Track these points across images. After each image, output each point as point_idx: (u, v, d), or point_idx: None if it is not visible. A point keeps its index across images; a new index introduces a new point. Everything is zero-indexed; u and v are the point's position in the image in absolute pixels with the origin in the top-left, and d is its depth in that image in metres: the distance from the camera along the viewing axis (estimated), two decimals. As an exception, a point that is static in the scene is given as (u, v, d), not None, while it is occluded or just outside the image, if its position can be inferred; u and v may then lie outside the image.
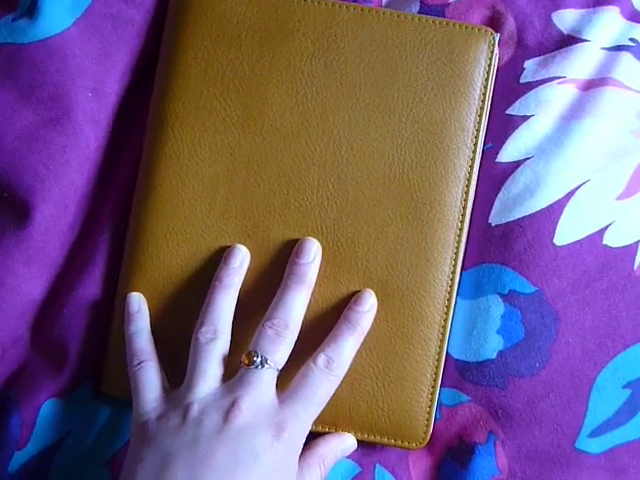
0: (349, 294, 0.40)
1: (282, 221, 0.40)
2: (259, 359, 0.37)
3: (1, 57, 0.40)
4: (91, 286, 0.42)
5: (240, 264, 0.40)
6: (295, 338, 0.38)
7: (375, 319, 0.40)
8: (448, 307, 0.40)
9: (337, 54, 0.40)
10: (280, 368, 0.37)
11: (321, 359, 0.38)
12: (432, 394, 0.40)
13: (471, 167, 0.40)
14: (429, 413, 0.40)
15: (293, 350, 0.38)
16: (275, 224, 0.40)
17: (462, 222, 0.40)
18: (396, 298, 0.40)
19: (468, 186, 0.40)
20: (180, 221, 0.40)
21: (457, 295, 0.41)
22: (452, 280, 0.40)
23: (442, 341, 0.40)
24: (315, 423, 0.39)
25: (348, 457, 0.42)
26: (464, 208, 0.40)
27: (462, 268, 0.41)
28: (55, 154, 0.41)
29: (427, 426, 0.40)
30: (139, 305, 0.40)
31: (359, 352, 0.40)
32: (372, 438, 0.41)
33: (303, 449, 0.37)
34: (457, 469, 0.41)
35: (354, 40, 0.40)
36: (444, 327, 0.40)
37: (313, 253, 0.40)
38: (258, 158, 0.40)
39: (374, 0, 0.43)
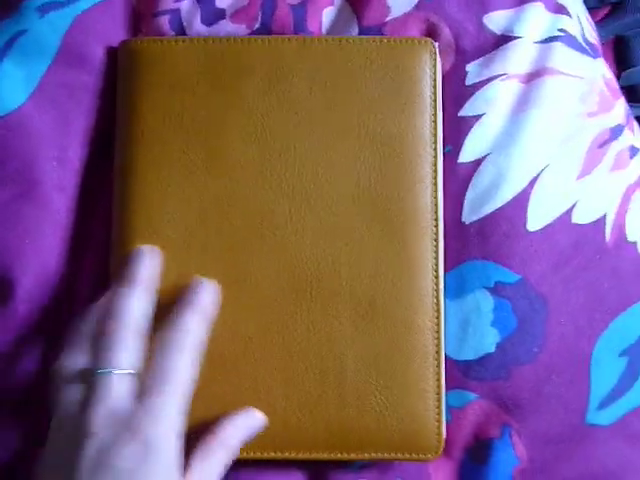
0: (340, 316, 0.40)
1: (260, 256, 0.41)
2: (99, 369, 0.35)
3: None
4: None
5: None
6: (142, 335, 0.36)
7: (370, 337, 0.40)
8: (438, 311, 0.41)
9: (288, 86, 0.42)
10: (135, 371, 0.35)
11: (166, 334, 0.36)
12: (438, 401, 0.40)
13: (435, 172, 0.42)
14: (439, 421, 0.40)
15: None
16: (254, 260, 0.41)
17: (437, 226, 0.41)
18: (386, 312, 0.40)
19: (436, 190, 0.41)
20: (160, 275, 0.40)
21: (445, 297, 0.42)
22: (437, 284, 0.41)
23: (438, 346, 0.41)
24: (327, 450, 0.39)
25: (368, 477, 0.42)
26: (436, 212, 0.41)
27: (445, 270, 0.42)
28: (29, 226, 0.41)
29: (439, 434, 0.40)
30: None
31: (360, 371, 0.40)
32: (387, 456, 0.40)
33: (205, 432, 0.37)
34: (478, 468, 0.42)
35: (302, 70, 0.42)
36: (438, 332, 0.41)
37: (139, 254, 0.39)
38: (227, 198, 0.41)
39: (314, 30, 0.44)
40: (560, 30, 0.45)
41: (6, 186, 0.41)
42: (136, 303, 0.37)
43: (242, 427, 0.39)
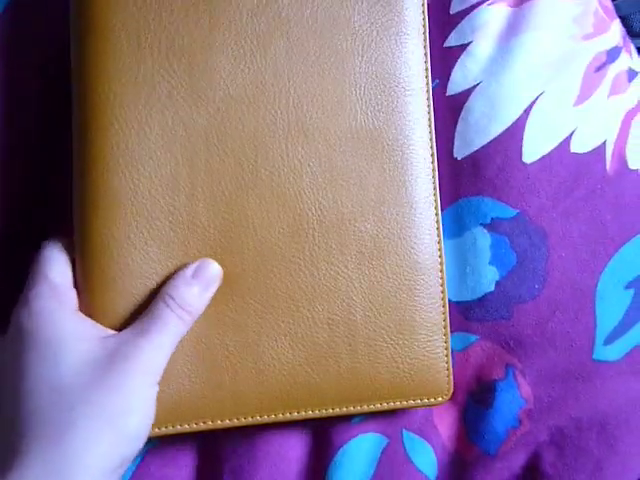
0: (344, 257, 0.38)
1: (256, 196, 0.37)
2: None
3: None
4: None
5: None
6: None
7: (376, 279, 0.38)
8: (440, 249, 0.39)
9: (277, 8, 0.38)
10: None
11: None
12: (446, 342, 0.39)
13: (429, 106, 0.39)
14: (447, 362, 0.39)
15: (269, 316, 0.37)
16: (249, 201, 0.37)
17: (432, 162, 0.39)
18: (391, 252, 0.38)
19: (430, 125, 0.39)
20: (142, 217, 0.36)
21: (443, 236, 0.40)
22: (437, 222, 0.39)
23: (443, 285, 0.39)
24: (334, 405, 0.37)
25: (373, 430, 0.40)
26: (431, 148, 0.39)
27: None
28: None
29: (448, 376, 0.39)
30: None
31: (369, 317, 0.38)
32: (399, 404, 0.38)
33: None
34: (482, 411, 0.40)
35: None
36: (441, 270, 0.39)
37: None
38: (216, 130, 0.37)
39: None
40: (549, -50, 0.42)
41: None
42: None
43: (194, 280, 0.35)
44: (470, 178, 0.40)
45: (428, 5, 0.41)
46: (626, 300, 0.41)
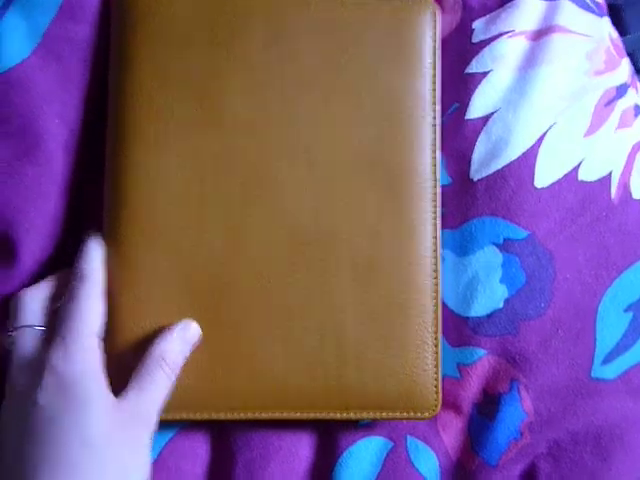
0: (339, 275, 0.40)
1: (259, 214, 0.40)
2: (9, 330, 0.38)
3: None
4: None
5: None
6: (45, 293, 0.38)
7: (369, 295, 0.40)
8: (436, 271, 0.41)
9: (289, 42, 0.41)
10: (34, 324, 0.37)
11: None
12: (436, 360, 0.40)
13: (434, 133, 0.41)
14: (436, 380, 0.40)
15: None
16: (253, 218, 0.40)
17: (435, 187, 0.41)
18: (385, 271, 0.40)
19: (435, 151, 0.41)
20: (156, 229, 0.39)
21: (455, 255, 0.42)
22: (435, 245, 0.41)
23: (436, 305, 0.41)
24: (322, 410, 0.39)
25: (378, 434, 0.42)
26: (434, 173, 0.41)
27: (453, 227, 0.42)
28: (32, 185, 0.40)
29: (437, 393, 0.40)
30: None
31: (359, 330, 0.40)
32: (385, 415, 0.40)
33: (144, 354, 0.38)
34: (486, 422, 0.42)
35: (303, 27, 0.41)
36: (436, 291, 0.41)
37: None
38: (226, 156, 0.40)
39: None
40: (567, -12, 0.44)
41: (10, 143, 0.40)
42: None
43: (177, 341, 0.38)
44: (485, 199, 0.42)
45: (451, 33, 0.44)
46: (625, 322, 0.43)
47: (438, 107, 0.42)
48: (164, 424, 0.40)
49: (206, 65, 0.40)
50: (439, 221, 0.41)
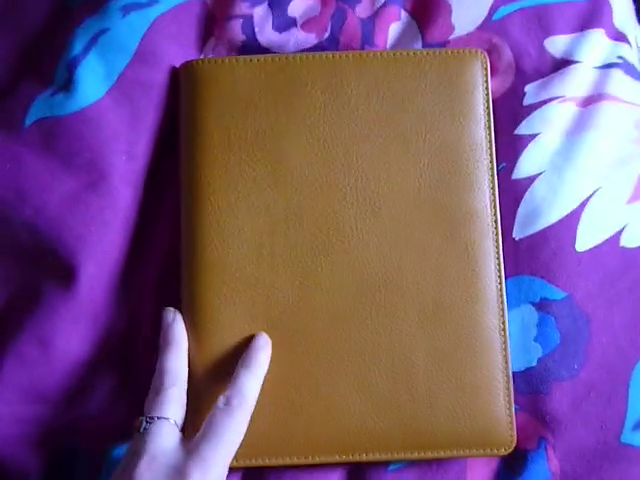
0: (407, 318, 0.42)
1: (329, 263, 0.42)
2: (144, 420, 0.37)
3: (42, 130, 0.43)
4: (140, 341, 0.44)
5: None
6: (181, 392, 0.39)
7: (438, 337, 0.42)
8: (503, 310, 0.42)
9: (347, 99, 0.43)
10: (178, 421, 0.38)
11: (220, 400, 0.38)
12: (508, 396, 0.42)
13: (492, 176, 0.43)
14: (510, 416, 0.42)
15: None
16: (323, 267, 0.42)
17: (496, 228, 0.43)
18: (452, 311, 0.42)
19: (493, 194, 0.43)
20: (232, 280, 0.42)
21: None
22: (500, 284, 0.42)
23: (505, 344, 0.42)
24: (399, 450, 0.41)
25: (406, 479, 0.43)
26: (495, 215, 0.43)
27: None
28: (95, 215, 0.43)
29: (511, 429, 0.42)
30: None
31: (430, 371, 0.41)
32: (461, 453, 0.42)
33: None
34: (512, 478, 0.43)
35: (359, 84, 0.43)
36: (504, 330, 0.42)
37: (171, 315, 0.42)
38: (294, 209, 0.42)
39: (380, 44, 0.46)
40: (619, 57, 0.46)
41: (77, 176, 0.43)
42: (173, 360, 0.40)
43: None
44: (525, 258, 0.44)
45: (504, 95, 0.45)
46: (658, 390, 0.43)
47: (493, 151, 0.44)
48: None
49: (270, 126, 0.43)
50: (502, 259, 0.43)
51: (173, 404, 0.38)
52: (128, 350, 0.44)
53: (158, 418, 0.37)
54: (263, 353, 0.41)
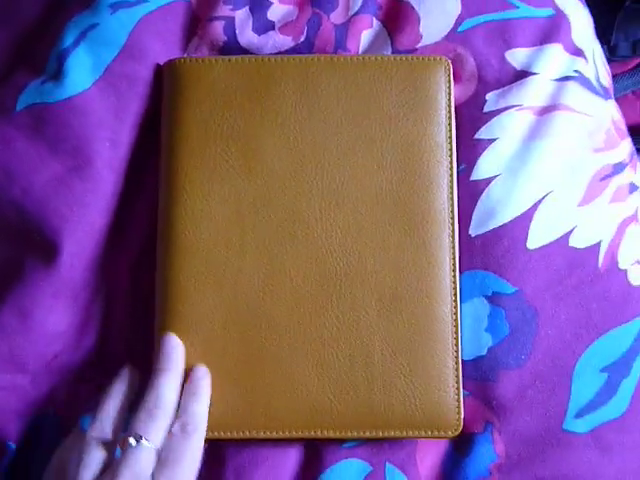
0: (366, 305, 0.45)
1: (294, 251, 0.45)
2: (132, 437, 0.39)
3: (32, 115, 0.46)
4: (117, 317, 0.46)
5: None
6: (169, 419, 0.40)
7: (394, 325, 0.44)
8: (456, 302, 0.45)
9: (317, 99, 0.47)
10: (158, 447, 0.39)
11: (175, 427, 0.40)
12: (457, 383, 0.44)
13: (451, 176, 0.46)
14: (458, 401, 0.44)
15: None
16: (288, 255, 0.45)
17: (453, 225, 0.46)
18: (409, 302, 0.45)
19: (452, 193, 0.46)
20: (202, 265, 0.45)
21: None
22: (454, 278, 0.45)
23: (457, 333, 0.45)
24: (353, 429, 0.44)
25: (359, 457, 0.46)
26: (452, 212, 0.46)
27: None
28: (78, 198, 0.45)
29: (458, 414, 0.44)
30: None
31: (385, 356, 0.44)
32: (411, 434, 0.44)
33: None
34: (459, 458, 0.45)
35: (329, 84, 0.47)
36: (456, 320, 0.45)
37: (173, 341, 0.44)
38: (263, 199, 0.45)
39: (352, 49, 0.49)
40: (575, 71, 0.49)
41: (63, 160, 0.46)
42: (172, 389, 0.42)
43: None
44: (479, 254, 0.46)
45: (466, 101, 0.48)
46: (600, 382, 0.46)
47: (454, 153, 0.47)
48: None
49: (245, 121, 0.46)
50: (457, 255, 0.46)
51: (160, 432, 0.40)
52: (104, 328, 0.47)
53: (146, 440, 0.39)
54: (205, 381, 0.43)
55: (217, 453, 0.46)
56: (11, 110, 0.46)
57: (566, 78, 0.49)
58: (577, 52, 0.49)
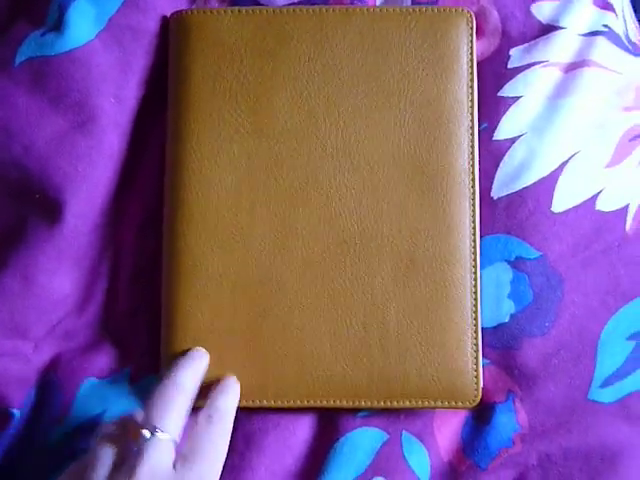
0: (381, 270, 0.43)
1: (306, 213, 0.43)
2: (148, 429, 0.36)
3: (31, 69, 0.43)
4: (122, 280, 0.44)
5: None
6: (187, 407, 0.38)
7: (410, 291, 0.42)
8: (475, 267, 0.43)
9: (332, 53, 0.44)
10: (177, 440, 0.37)
11: (201, 416, 0.38)
12: (476, 352, 0.43)
13: (472, 135, 0.44)
14: (476, 371, 0.43)
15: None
16: (300, 217, 0.43)
17: (473, 187, 0.43)
18: (426, 267, 0.43)
19: (473, 153, 0.44)
20: (211, 228, 0.43)
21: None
22: (474, 242, 0.43)
23: (476, 300, 0.43)
24: (367, 399, 0.42)
25: (375, 425, 0.44)
26: (472, 173, 0.44)
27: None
28: (82, 155, 0.43)
29: (477, 384, 0.43)
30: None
31: (401, 323, 0.42)
32: (427, 404, 0.43)
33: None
34: (480, 427, 0.44)
35: (345, 38, 0.44)
36: (475, 287, 0.43)
37: (192, 362, 0.41)
38: (275, 159, 0.43)
39: (369, 1, 0.46)
40: (604, 26, 0.46)
41: (65, 116, 0.43)
42: (191, 379, 0.39)
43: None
44: (502, 217, 0.44)
45: (489, 57, 0.46)
46: (626, 350, 0.44)
47: (475, 111, 0.44)
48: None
49: (256, 77, 0.44)
50: (478, 219, 0.44)
51: (179, 421, 0.37)
52: (108, 293, 0.45)
53: (162, 432, 0.36)
54: (235, 387, 0.42)
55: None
56: (9, 64, 0.43)
57: (594, 33, 0.46)
58: (606, 6, 0.47)
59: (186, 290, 0.43)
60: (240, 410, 0.43)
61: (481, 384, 0.43)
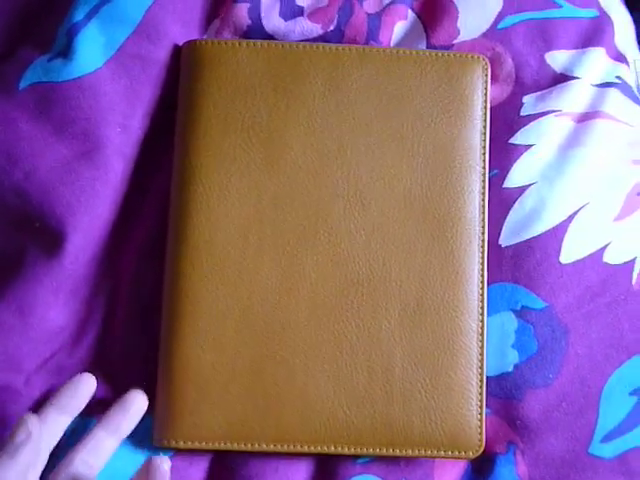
0: (388, 315, 0.42)
1: (314, 253, 0.42)
2: None
3: (36, 94, 0.42)
4: (119, 313, 0.43)
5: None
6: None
7: (417, 336, 0.42)
8: (482, 315, 0.43)
9: (346, 92, 0.43)
10: None
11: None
12: (480, 401, 0.42)
13: (483, 182, 0.44)
14: (480, 420, 0.42)
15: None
16: (308, 257, 0.42)
17: (483, 234, 0.43)
18: (433, 313, 0.42)
19: (483, 200, 0.43)
20: (216, 265, 0.42)
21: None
22: (482, 289, 0.43)
23: (482, 348, 0.42)
24: (368, 445, 0.41)
25: (374, 473, 0.43)
26: (483, 221, 0.43)
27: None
28: (86, 186, 0.42)
29: (480, 434, 0.42)
30: None
31: (406, 369, 0.41)
32: (429, 453, 0.42)
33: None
34: (480, 479, 0.43)
35: (360, 77, 0.44)
36: (482, 334, 0.42)
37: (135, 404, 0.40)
38: (284, 196, 0.42)
39: (384, 41, 0.46)
40: (617, 77, 0.46)
41: (71, 144, 0.42)
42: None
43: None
44: (509, 266, 0.44)
45: (502, 103, 0.46)
46: (628, 406, 0.44)
47: (487, 157, 0.44)
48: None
49: (268, 112, 0.43)
50: (486, 265, 0.43)
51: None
52: (103, 326, 0.44)
53: None
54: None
55: (224, 463, 0.43)
56: (14, 88, 0.42)
57: (608, 84, 0.46)
58: (619, 57, 0.47)
59: (187, 328, 0.42)
60: (237, 454, 0.42)
61: (484, 435, 0.42)
